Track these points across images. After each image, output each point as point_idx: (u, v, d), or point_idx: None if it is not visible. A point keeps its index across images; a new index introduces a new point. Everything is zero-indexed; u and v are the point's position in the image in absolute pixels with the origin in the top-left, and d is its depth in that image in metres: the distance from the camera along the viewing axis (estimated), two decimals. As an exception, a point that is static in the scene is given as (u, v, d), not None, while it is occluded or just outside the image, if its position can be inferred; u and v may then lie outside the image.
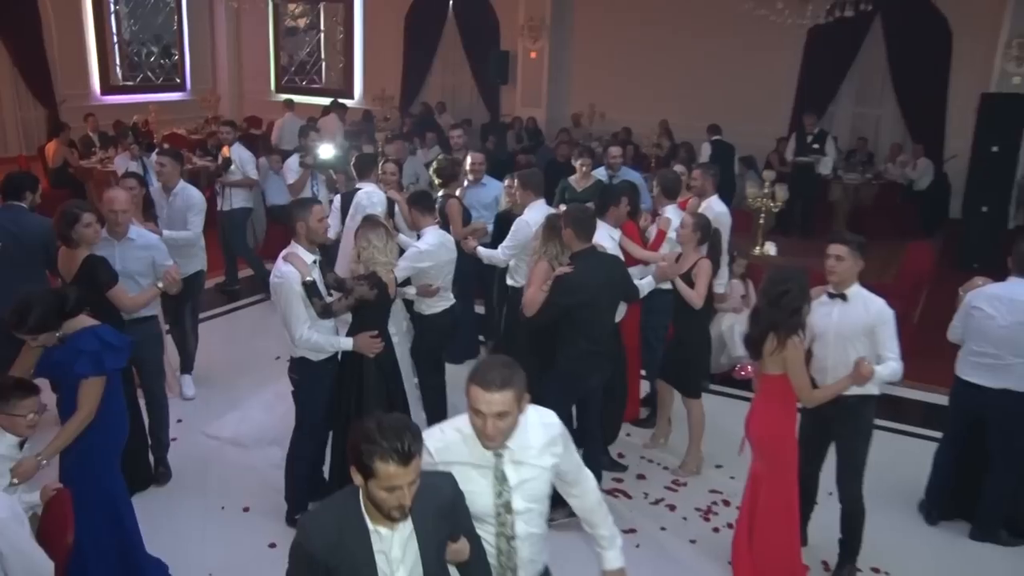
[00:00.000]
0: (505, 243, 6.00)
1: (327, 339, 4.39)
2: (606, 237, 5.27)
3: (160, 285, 4.78)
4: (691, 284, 5.25)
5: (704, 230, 5.28)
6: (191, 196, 6.32)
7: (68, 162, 11.57)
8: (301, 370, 4.50)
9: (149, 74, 18.17)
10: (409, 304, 5.58)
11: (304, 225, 4.34)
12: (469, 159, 7.30)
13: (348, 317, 4.64)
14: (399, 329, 5.34)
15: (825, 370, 4.31)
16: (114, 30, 17.33)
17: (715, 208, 6.33)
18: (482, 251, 6.11)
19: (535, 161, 13.26)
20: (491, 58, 15.84)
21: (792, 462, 4.17)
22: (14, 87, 15.57)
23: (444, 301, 5.49)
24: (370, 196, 6.09)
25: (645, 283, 5.22)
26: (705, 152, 11.52)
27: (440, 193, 6.73)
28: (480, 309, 7.53)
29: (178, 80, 18.61)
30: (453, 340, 5.88)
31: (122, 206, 4.89)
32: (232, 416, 5.99)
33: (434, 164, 7.05)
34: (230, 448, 5.73)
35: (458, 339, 6.24)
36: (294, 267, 4.27)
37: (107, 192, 5.09)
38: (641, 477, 5.64)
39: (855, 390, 4.20)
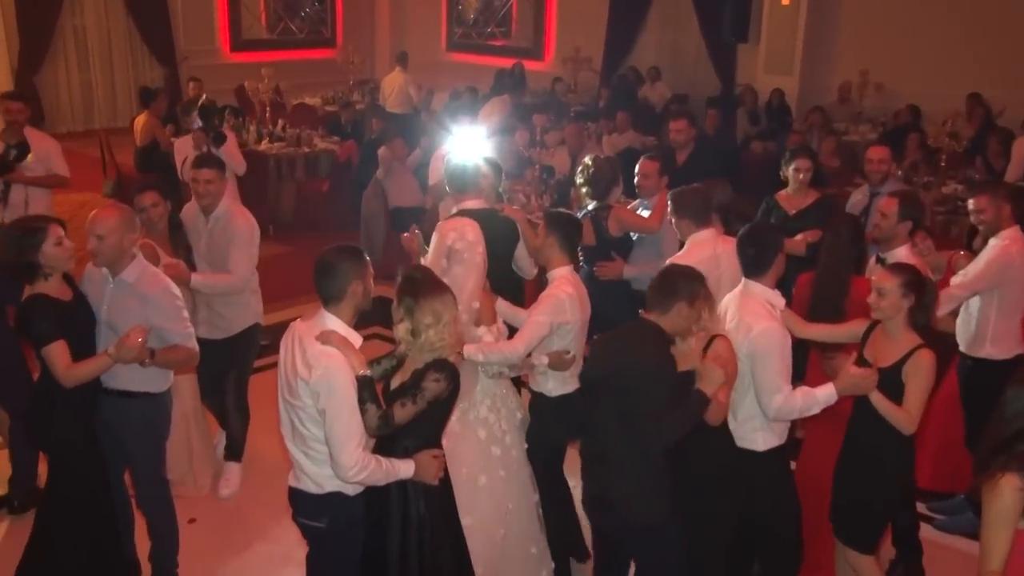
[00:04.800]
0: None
1: (389, 466, 3.83)
2: (763, 312, 4.33)
3: (110, 352, 4.31)
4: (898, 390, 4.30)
5: (922, 294, 4.35)
6: (235, 224, 5.77)
7: (159, 140, 11.38)
8: (328, 511, 3.92)
9: (291, 26, 18.44)
10: (514, 381, 5.20)
11: (361, 287, 3.85)
12: (637, 166, 6.63)
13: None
14: (511, 424, 4.95)
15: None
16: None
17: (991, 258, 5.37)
18: None
19: (774, 151, 12.11)
20: (726, 7, 15.17)
21: None
22: (128, 42, 16.22)
23: (575, 379, 4.98)
24: (463, 231, 5.16)
25: (822, 395, 4.26)
26: (1019, 153, 9.82)
27: (590, 206, 6.29)
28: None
29: (327, 34, 18.81)
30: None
31: (100, 228, 4.43)
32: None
33: (583, 169, 6.38)
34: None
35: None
36: (342, 353, 3.73)
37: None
38: None
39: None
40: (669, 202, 5.57)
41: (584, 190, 6.32)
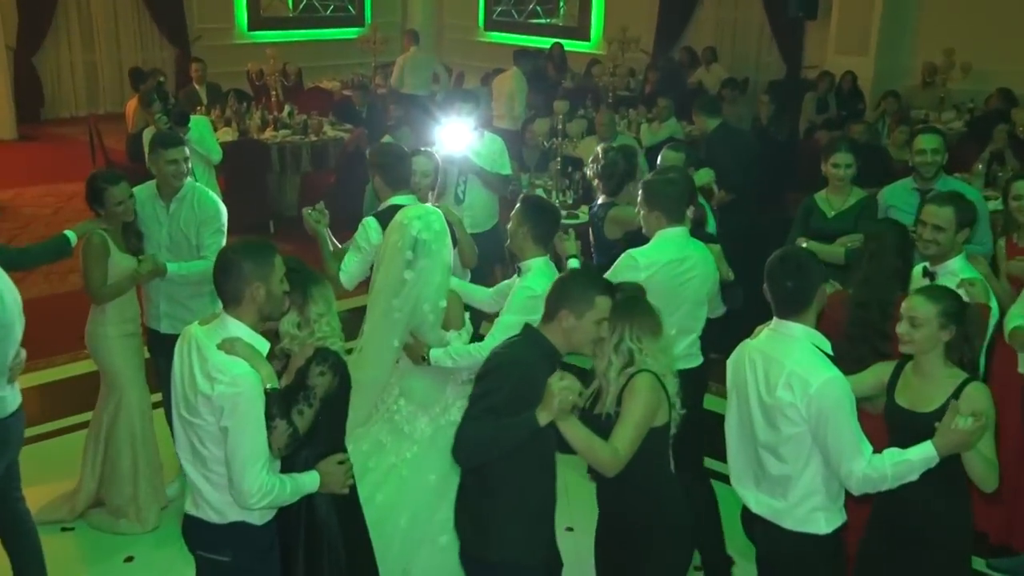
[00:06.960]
0: None
1: (293, 484, 3.81)
2: (816, 360, 3.77)
3: None
4: None
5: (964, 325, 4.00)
6: (204, 204, 5.83)
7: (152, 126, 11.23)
8: (232, 543, 3.84)
9: (315, 3, 18.54)
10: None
11: (263, 290, 3.73)
12: (659, 157, 6.52)
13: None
14: None
15: None
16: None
17: None
18: None
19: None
20: (794, -20, 15.25)
21: None
22: (136, 20, 16.28)
23: None
24: (429, 220, 4.95)
25: (918, 459, 3.73)
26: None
27: (599, 201, 6.25)
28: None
29: (353, 11, 18.92)
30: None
31: None
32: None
33: (593, 161, 6.31)
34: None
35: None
36: (250, 366, 3.64)
37: None
38: None
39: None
40: (640, 191, 5.24)
41: (595, 183, 6.25)
